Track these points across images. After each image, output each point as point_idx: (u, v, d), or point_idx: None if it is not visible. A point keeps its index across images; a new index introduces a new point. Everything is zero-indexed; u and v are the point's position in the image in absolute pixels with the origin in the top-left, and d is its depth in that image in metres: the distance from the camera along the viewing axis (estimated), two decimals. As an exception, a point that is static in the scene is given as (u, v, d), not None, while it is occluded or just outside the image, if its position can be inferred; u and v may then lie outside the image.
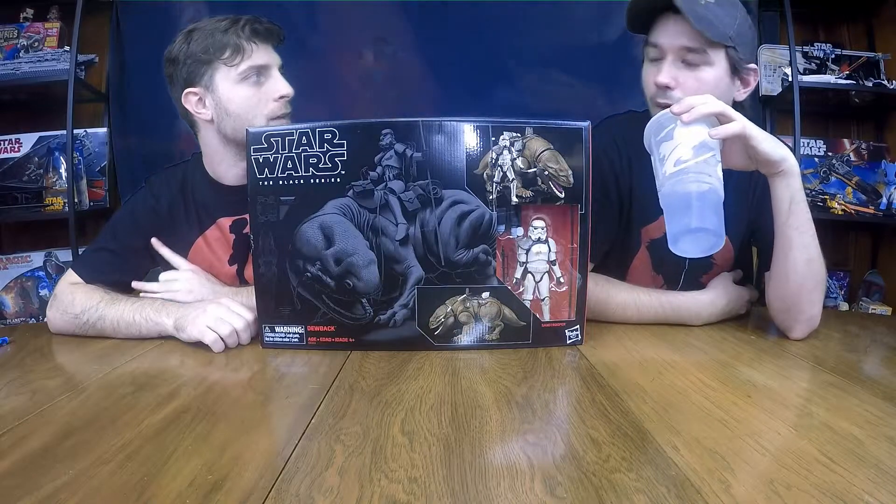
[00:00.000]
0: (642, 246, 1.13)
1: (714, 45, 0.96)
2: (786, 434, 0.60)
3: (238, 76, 1.04)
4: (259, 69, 1.05)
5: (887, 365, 0.88)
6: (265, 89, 1.06)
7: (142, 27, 2.07)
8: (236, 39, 1.03)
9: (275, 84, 1.06)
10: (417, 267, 0.87)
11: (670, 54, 0.99)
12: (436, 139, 0.85)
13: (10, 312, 2.03)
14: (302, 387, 0.75)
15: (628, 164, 1.10)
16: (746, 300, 1.09)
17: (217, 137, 1.09)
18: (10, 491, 0.49)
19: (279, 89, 1.06)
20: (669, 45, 0.98)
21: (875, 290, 2.12)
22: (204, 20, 1.07)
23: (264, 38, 1.06)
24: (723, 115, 0.85)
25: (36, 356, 0.93)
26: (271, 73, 1.07)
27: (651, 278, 1.15)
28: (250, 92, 1.05)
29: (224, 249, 1.15)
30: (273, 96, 1.06)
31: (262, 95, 1.06)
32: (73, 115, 1.90)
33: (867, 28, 2.19)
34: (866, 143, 2.14)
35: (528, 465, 0.53)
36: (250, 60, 1.04)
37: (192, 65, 1.05)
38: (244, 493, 0.49)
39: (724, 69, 0.99)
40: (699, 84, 0.98)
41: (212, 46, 1.04)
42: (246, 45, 1.04)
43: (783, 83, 2.07)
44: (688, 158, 0.82)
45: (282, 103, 1.07)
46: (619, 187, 1.10)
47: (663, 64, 1.00)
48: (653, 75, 1.01)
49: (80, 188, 2.02)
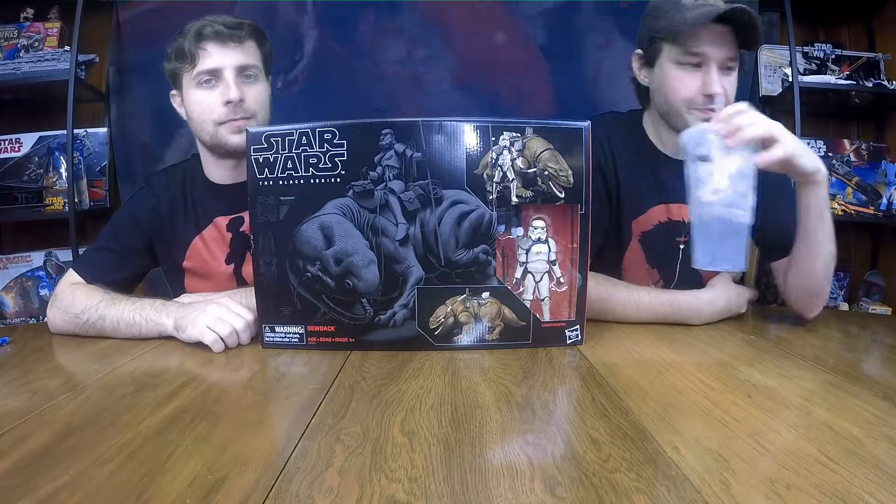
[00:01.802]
0: (633, 239, 1.16)
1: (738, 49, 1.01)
2: (786, 434, 0.60)
3: (193, 81, 1.07)
4: (211, 73, 1.05)
5: (887, 365, 0.88)
6: (216, 93, 1.06)
7: (142, 27, 2.07)
8: (187, 45, 1.05)
9: (224, 88, 1.05)
10: (417, 267, 0.87)
11: (714, 63, 1.01)
12: (436, 139, 0.85)
13: (10, 312, 2.03)
14: (302, 387, 0.75)
15: (612, 161, 1.14)
16: (746, 299, 1.10)
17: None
18: (10, 491, 0.49)
19: (225, 93, 1.05)
20: (716, 54, 1.00)
21: (875, 291, 2.12)
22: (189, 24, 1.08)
23: (216, 40, 1.05)
24: (769, 137, 0.85)
25: (36, 356, 0.93)
26: (223, 76, 1.05)
27: (646, 273, 1.17)
28: (203, 96, 1.07)
29: (221, 249, 1.15)
30: (221, 100, 1.05)
31: (212, 99, 1.06)
32: (73, 114, 1.90)
33: (867, 28, 2.19)
34: (866, 144, 2.14)
35: (528, 465, 0.53)
36: (200, 65, 1.05)
37: (171, 67, 1.09)
38: (244, 493, 0.49)
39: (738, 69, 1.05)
40: (732, 88, 1.03)
41: (175, 52, 1.07)
42: (194, 50, 1.04)
43: (783, 83, 2.07)
44: (725, 187, 0.82)
45: (229, 108, 1.05)
46: (606, 184, 1.14)
47: (709, 73, 1.01)
48: (693, 83, 1.02)
49: (80, 188, 2.02)
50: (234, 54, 1.06)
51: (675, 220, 1.15)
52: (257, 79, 1.10)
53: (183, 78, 1.08)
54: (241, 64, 1.06)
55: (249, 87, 1.08)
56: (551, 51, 2.11)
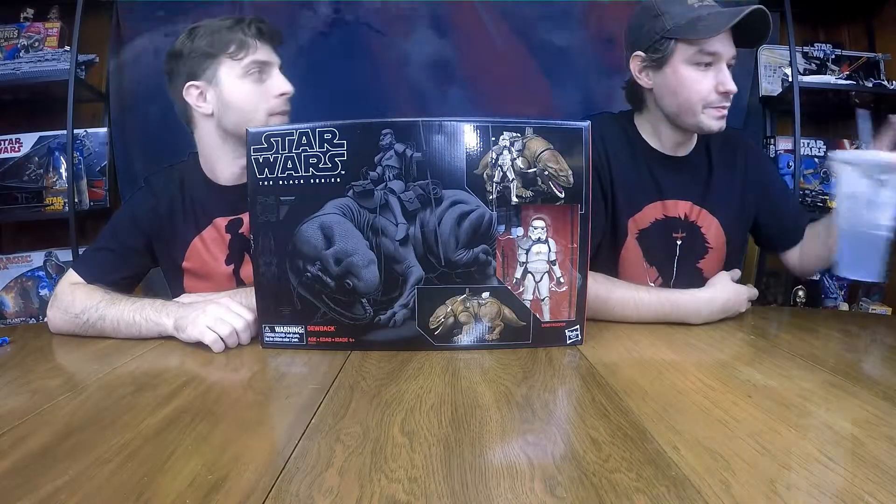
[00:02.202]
0: (630, 236, 1.17)
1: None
2: (786, 434, 0.60)
3: (242, 70, 1.08)
4: (262, 65, 1.09)
5: (887, 365, 0.88)
6: (267, 86, 1.09)
7: (142, 27, 2.07)
8: (242, 36, 1.07)
9: (276, 81, 1.10)
10: (417, 267, 0.87)
11: (724, 62, 1.06)
12: (436, 139, 0.85)
13: (10, 312, 2.03)
14: (302, 387, 0.75)
15: (606, 159, 1.16)
16: (745, 298, 1.10)
17: (216, 133, 1.11)
18: (10, 491, 0.49)
19: (280, 86, 1.09)
20: (727, 52, 1.05)
21: (875, 291, 2.12)
22: (206, 20, 1.11)
23: (267, 38, 1.10)
24: None
25: (36, 356, 0.93)
26: (272, 72, 1.10)
27: (644, 271, 1.18)
28: (252, 87, 1.08)
29: (220, 249, 1.15)
30: (274, 93, 1.09)
31: (263, 91, 1.09)
32: (73, 114, 1.90)
33: (867, 28, 2.19)
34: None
35: (528, 465, 0.53)
36: (254, 56, 1.07)
37: (197, 58, 1.08)
38: (244, 493, 0.49)
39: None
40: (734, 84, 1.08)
41: (217, 41, 1.07)
42: (251, 41, 1.07)
43: (783, 83, 2.07)
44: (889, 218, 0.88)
45: (282, 100, 1.09)
46: (601, 182, 1.15)
47: (722, 71, 1.06)
48: (708, 82, 1.06)
49: (80, 188, 2.02)
50: (273, 53, 1.11)
51: (672, 216, 1.17)
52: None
53: (221, 67, 1.07)
54: (280, 63, 1.12)
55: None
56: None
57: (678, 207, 1.17)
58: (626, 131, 1.19)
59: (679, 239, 1.17)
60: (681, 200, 1.17)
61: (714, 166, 1.18)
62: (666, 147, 1.17)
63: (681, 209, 1.17)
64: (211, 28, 1.08)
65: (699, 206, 1.17)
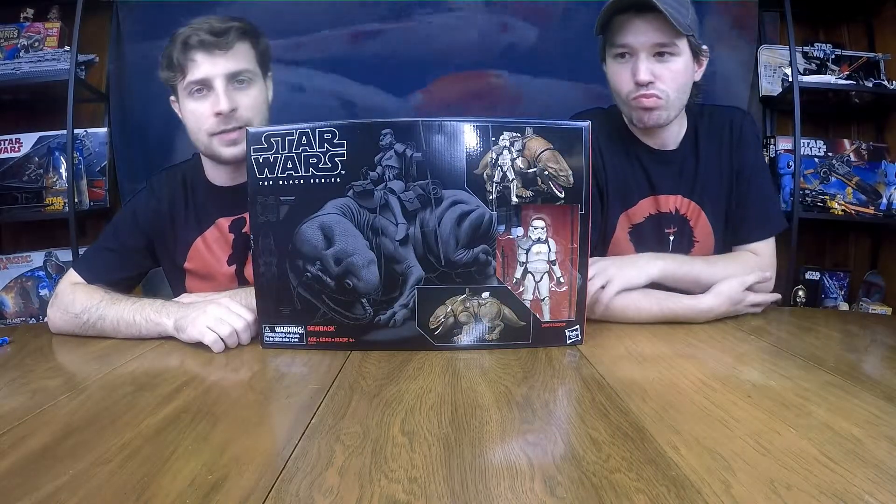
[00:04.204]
0: (623, 232, 1.18)
1: (681, 36, 1.03)
2: (786, 434, 0.59)
3: (185, 92, 1.05)
4: (201, 83, 1.03)
5: (887, 365, 0.88)
6: (208, 103, 1.04)
7: (142, 27, 2.07)
8: (176, 55, 1.02)
9: (214, 99, 1.03)
10: (417, 267, 0.87)
11: (642, 52, 1.04)
12: (436, 139, 0.85)
13: (10, 312, 2.03)
14: (302, 387, 0.75)
15: (600, 154, 1.16)
16: (748, 304, 1.09)
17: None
18: (10, 491, 0.49)
19: (214, 104, 1.03)
20: (641, 43, 1.03)
21: (875, 291, 2.12)
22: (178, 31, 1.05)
23: (202, 49, 1.02)
24: None
25: (36, 356, 0.93)
26: (214, 86, 1.03)
27: None
28: (196, 106, 1.05)
29: (223, 249, 1.15)
30: (211, 111, 1.04)
31: (203, 110, 1.04)
32: (73, 114, 1.90)
33: (867, 28, 2.19)
34: (866, 144, 2.14)
35: (528, 465, 0.53)
36: (189, 76, 1.03)
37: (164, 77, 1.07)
38: (244, 493, 0.49)
39: (689, 56, 1.07)
40: (674, 74, 1.06)
41: (166, 62, 1.05)
42: (182, 61, 1.02)
43: (783, 83, 2.07)
44: None
45: (220, 119, 1.03)
46: (597, 179, 1.16)
47: (638, 62, 1.04)
48: (626, 73, 1.06)
49: (80, 188, 2.02)
50: (221, 63, 1.02)
51: (664, 211, 1.18)
52: (251, 83, 1.07)
53: (177, 87, 1.07)
54: (230, 72, 1.03)
55: (242, 93, 1.05)
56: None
57: (670, 202, 1.18)
58: (618, 126, 1.19)
59: (671, 234, 1.18)
60: (671, 195, 1.18)
61: (700, 156, 1.17)
62: (651, 141, 1.17)
63: (672, 204, 1.18)
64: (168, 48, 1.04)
65: (688, 199, 1.18)
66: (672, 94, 1.07)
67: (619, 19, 1.05)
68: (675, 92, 1.07)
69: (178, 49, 1.02)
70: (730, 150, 1.17)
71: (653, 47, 1.03)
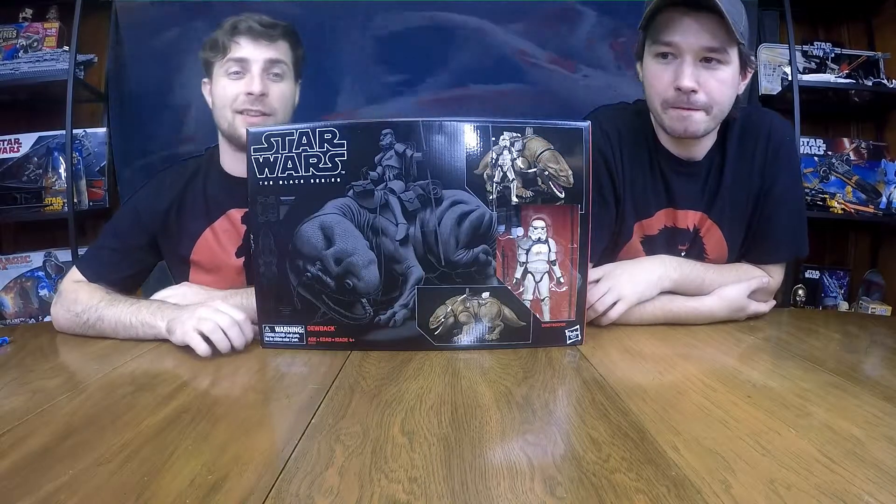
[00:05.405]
0: (634, 238, 1.11)
1: (733, 42, 0.92)
2: (786, 434, 0.60)
3: (223, 70, 1.11)
4: (240, 63, 1.09)
5: (887, 365, 0.88)
6: (242, 83, 1.10)
7: (141, 27, 2.06)
8: (222, 37, 1.10)
9: (250, 79, 1.09)
10: (417, 267, 0.87)
11: (689, 55, 0.94)
12: (436, 139, 0.85)
13: (10, 312, 2.03)
14: (302, 387, 0.75)
15: (621, 156, 1.08)
16: (749, 314, 1.08)
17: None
18: (10, 491, 0.49)
19: (248, 85, 1.09)
20: (689, 44, 0.93)
21: (875, 290, 2.12)
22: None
23: (248, 35, 1.09)
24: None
25: (36, 356, 0.93)
26: (250, 69, 1.09)
27: None
28: (229, 84, 1.10)
29: (232, 241, 1.15)
30: (244, 90, 1.09)
31: (236, 89, 1.10)
32: (72, 115, 1.90)
33: (867, 27, 2.19)
34: (866, 143, 2.14)
35: (528, 465, 0.53)
36: (230, 54, 1.09)
37: (204, 58, 1.14)
38: (244, 493, 0.49)
39: (737, 66, 0.97)
40: (720, 85, 0.95)
41: (210, 43, 1.12)
42: (227, 41, 1.09)
43: (783, 82, 2.07)
44: None
45: (249, 99, 1.09)
46: (613, 183, 1.08)
47: (683, 65, 0.94)
48: (668, 76, 0.96)
49: (79, 188, 2.02)
50: (263, 49, 1.09)
51: (680, 227, 1.10)
52: (284, 77, 1.13)
53: (214, 67, 1.12)
54: (269, 58, 1.10)
55: (275, 84, 1.11)
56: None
57: (688, 218, 1.10)
58: (643, 127, 1.09)
59: (683, 251, 1.11)
60: (691, 210, 1.09)
61: (726, 170, 1.07)
62: (677, 150, 1.07)
63: (690, 220, 1.10)
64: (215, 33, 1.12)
65: (707, 216, 1.09)
66: (715, 107, 0.97)
67: (667, 14, 0.93)
68: (718, 105, 0.97)
69: (226, 31, 1.09)
70: (762, 164, 1.07)
71: (701, 51, 0.93)
